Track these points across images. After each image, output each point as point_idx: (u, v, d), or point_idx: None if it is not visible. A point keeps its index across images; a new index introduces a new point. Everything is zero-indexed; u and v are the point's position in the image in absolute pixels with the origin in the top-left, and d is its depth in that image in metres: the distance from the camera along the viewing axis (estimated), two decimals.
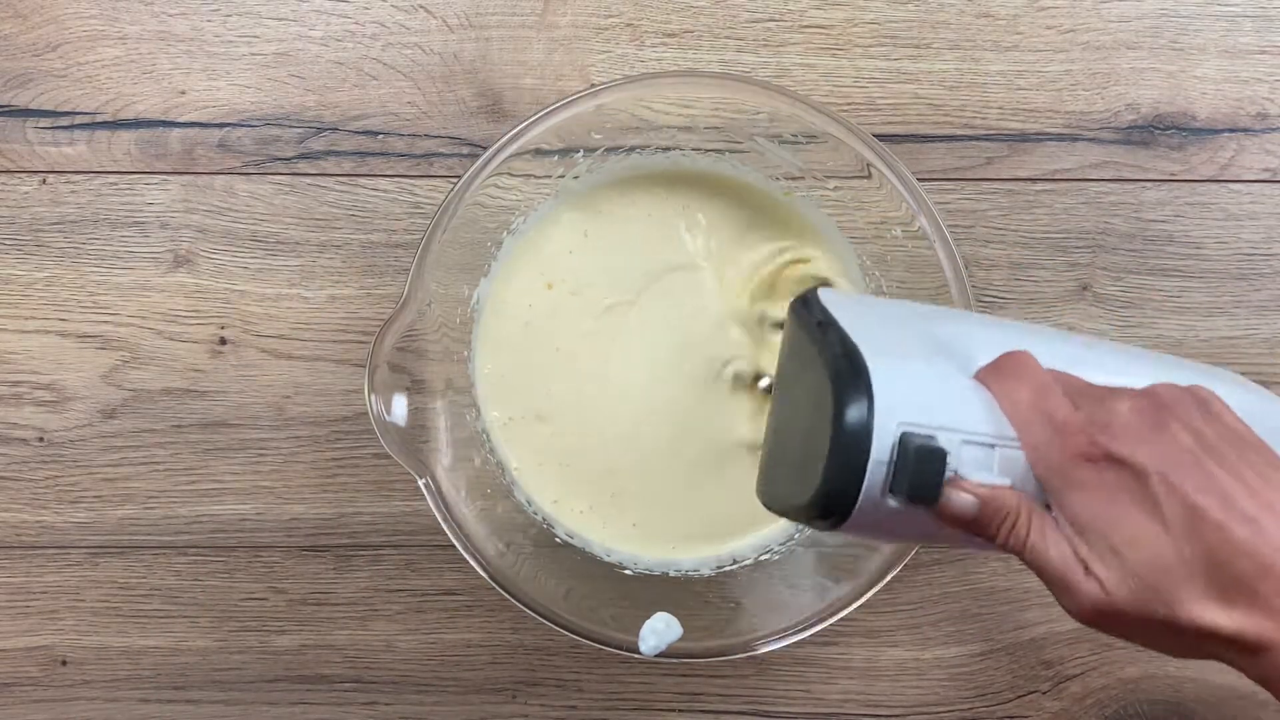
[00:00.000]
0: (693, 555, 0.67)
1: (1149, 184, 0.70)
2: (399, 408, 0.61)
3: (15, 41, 0.69)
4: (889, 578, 0.62)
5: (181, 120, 0.69)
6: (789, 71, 0.69)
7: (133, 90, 0.69)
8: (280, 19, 0.69)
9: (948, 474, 0.47)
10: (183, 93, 0.69)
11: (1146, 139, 0.70)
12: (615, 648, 0.62)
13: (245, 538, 0.70)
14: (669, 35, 0.69)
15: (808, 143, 0.64)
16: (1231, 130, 0.70)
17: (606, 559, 0.66)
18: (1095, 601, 0.47)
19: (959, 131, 0.69)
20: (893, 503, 0.47)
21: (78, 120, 0.69)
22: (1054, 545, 0.47)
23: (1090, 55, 0.69)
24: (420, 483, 0.61)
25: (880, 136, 0.65)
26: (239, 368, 0.69)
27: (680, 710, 0.71)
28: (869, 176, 0.63)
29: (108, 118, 0.69)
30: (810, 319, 0.51)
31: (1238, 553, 0.44)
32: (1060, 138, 0.69)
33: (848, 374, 0.47)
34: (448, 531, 0.61)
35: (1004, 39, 0.69)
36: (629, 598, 0.65)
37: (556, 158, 0.65)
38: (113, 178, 0.69)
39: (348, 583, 0.70)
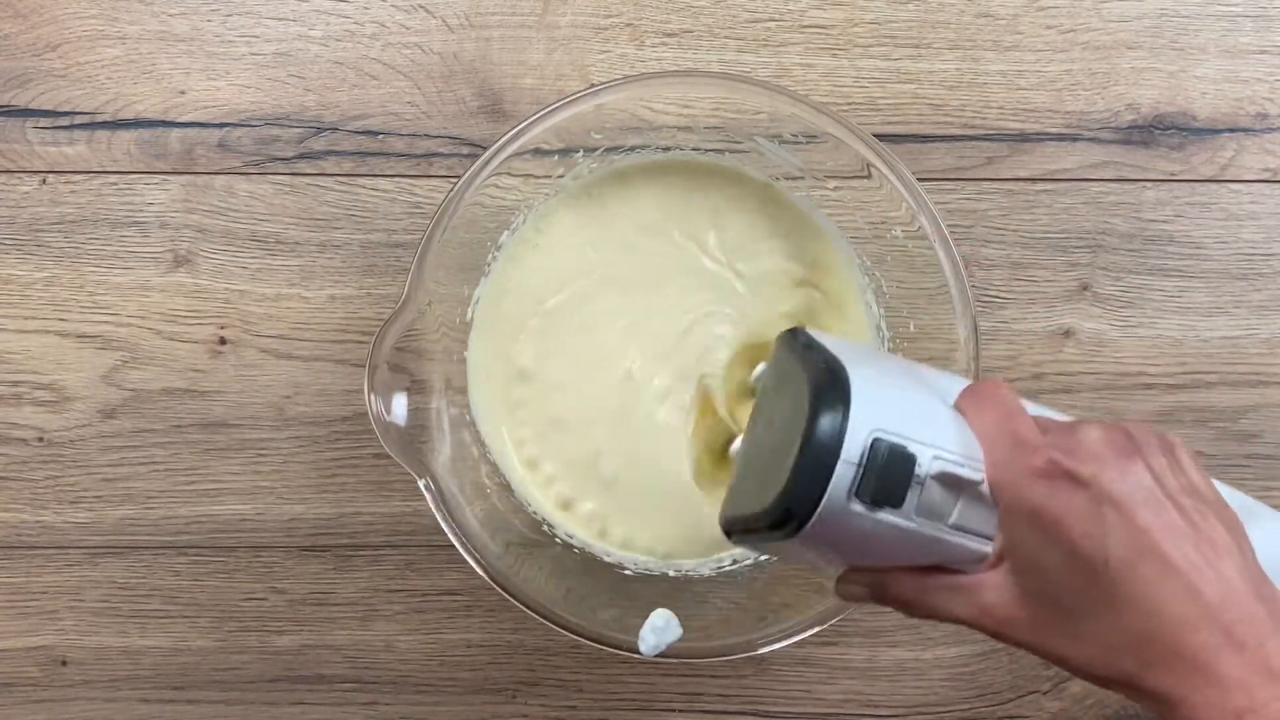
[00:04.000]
0: (693, 555, 0.67)
1: (1149, 184, 0.70)
2: (399, 408, 0.61)
3: (15, 41, 0.69)
4: None
5: (181, 120, 0.69)
6: (789, 71, 0.69)
7: (133, 90, 0.69)
8: (280, 19, 0.69)
9: (915, 484, 0.46)
10: (183, 93, 0.69)
11: (1146, 139, 0.70)
12: (615, 648, 0.62)
13: (245, 538, 0.70)
14: (669, 35, 0.69)
15: (808, 143, 0.64)
16: (1231, 130, 0.70)
17: (606, 559, 0.66)
18: (986, 609, 0.47)
19: (959, 131, 0.69)
20: (857, 507, 0.46)
21: (77, 120, 0.69)
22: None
23: (1090, 55, 0.69)
24: (420, 483, 0.60)
25: (880, 136, 0.65)
26: (239, 368, 0.69)
27: (680, 710, 0.71)
28: (869, 176, 0.63)
29: (108, 118, 0.69)
30: (797, 343, 0.52)
31: (1175, 596, 0.43)
32: (1060, 138, 0.69)
33: (827, 381, 0.47)
34: (448, 531, 0.61)
35: (1004, 39, 0.69)
36: (629, 598, 0.65)
37: (556, 158, 0.65)
38: (112, 177, 0.69)
39: (348, 583, 0.70)
